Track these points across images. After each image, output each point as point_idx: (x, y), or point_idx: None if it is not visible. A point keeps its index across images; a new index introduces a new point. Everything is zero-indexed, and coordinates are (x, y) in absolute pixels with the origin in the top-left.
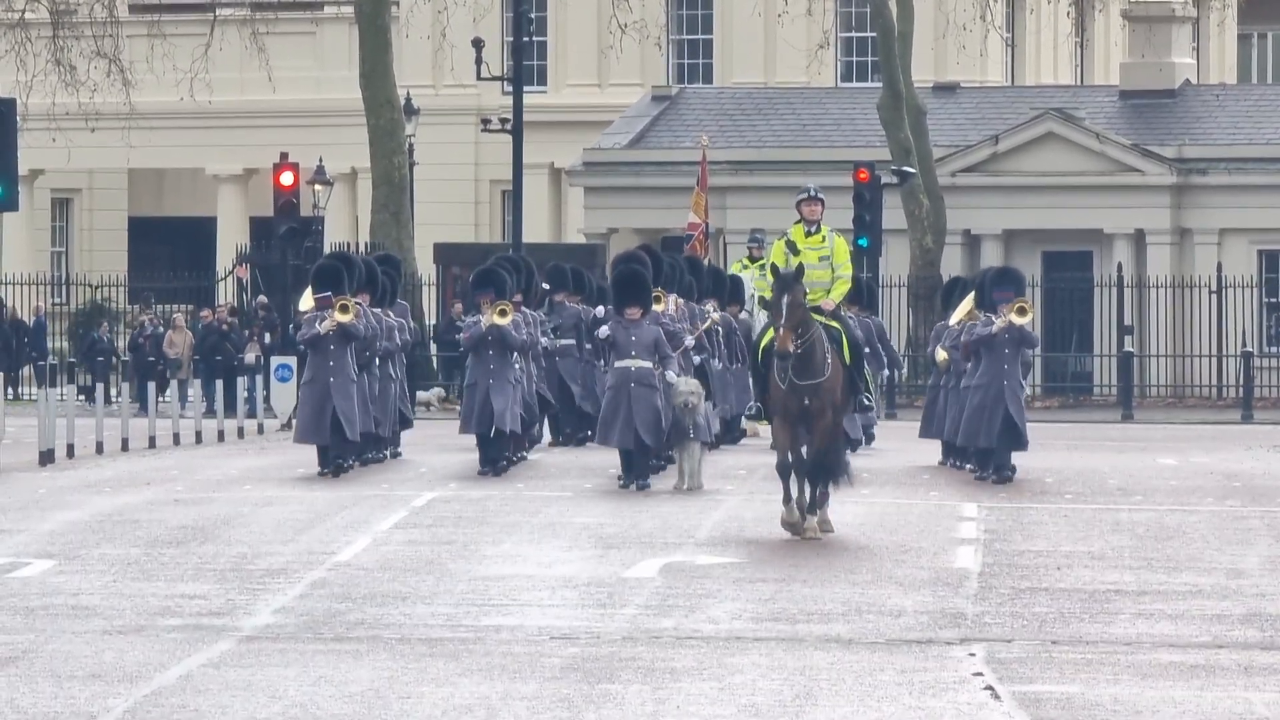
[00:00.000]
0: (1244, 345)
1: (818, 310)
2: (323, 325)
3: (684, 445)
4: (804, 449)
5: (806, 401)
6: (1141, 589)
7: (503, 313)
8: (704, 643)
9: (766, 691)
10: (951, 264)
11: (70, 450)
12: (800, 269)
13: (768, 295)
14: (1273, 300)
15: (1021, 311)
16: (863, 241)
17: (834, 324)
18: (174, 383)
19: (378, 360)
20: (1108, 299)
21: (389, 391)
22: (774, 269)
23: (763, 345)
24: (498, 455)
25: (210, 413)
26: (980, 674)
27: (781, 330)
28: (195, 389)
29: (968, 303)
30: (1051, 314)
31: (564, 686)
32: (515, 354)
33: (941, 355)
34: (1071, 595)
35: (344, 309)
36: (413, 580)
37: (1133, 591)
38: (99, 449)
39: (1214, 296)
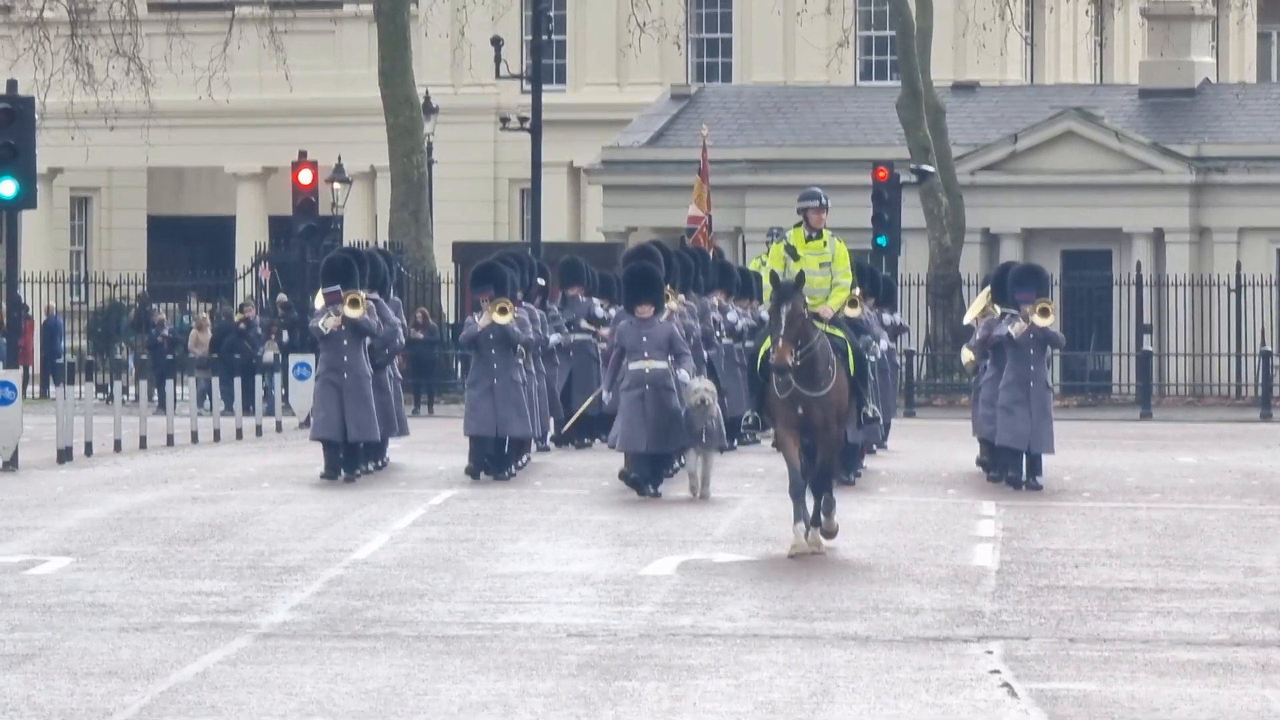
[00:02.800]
0: (1263, 344)
1: (817, 318)
2: (328, 321)
3: (695, 450)
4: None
5: (807, 412)
6: (1159, 587)
7: (503, 310)
8: (721, 640)
9: (783, 689)
10: (970, 263)
11: (88, 448)
12: (801, 277)
13: (768, 300)
14: None
15: (1044, 313)
16: (881, 240)
17: (838, 333)
18: (192, 380)
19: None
20: (1126, 298)
21: (397, 392)
22: (774, 277)
23: (762, 353)
24: (494, 457)
25: (228, 411)
26: (997, 671)
27: (780, 343)
28: (214, 387)
29: (982, 298)
30: (1070, 313)
31: (581, 684)
32: (519, 352)
33: (967, 356)
34: (1089, 593)
35: (354, 304)
36: (430, 578)
37: (1150, 589)
38: (117, 447)
39: (1233, 295)
